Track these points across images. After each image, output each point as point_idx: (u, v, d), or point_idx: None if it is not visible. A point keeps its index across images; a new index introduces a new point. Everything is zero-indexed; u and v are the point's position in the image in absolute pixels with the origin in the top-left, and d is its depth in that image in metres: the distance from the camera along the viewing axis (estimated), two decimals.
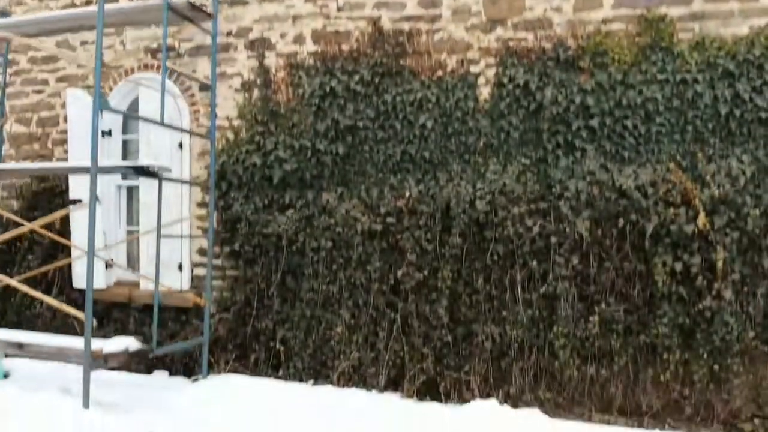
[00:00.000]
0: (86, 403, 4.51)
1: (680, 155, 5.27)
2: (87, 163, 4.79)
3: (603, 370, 5.29)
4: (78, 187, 6.54)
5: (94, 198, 4.56)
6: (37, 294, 5.20)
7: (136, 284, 6.69)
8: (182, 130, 5.81)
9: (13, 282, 5.29)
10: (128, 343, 4.80)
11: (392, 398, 5.30)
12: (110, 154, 6.72)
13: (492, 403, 4.83)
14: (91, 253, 4.56)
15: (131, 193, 6.96)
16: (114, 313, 6.69)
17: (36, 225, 5.49)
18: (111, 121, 6.76)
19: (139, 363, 6.48)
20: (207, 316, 5.92)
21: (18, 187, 7.07)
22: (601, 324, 5.21)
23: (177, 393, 5.32)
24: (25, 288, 5.22)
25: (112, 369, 4.99)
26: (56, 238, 6.34)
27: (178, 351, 6.17)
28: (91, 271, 4.58)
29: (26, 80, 7.17)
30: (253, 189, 6.15)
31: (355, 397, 5.22)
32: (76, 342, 4.75)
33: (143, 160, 5.27)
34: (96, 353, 4.53)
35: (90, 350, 4.40)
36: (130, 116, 5.57)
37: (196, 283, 6.42)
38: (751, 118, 5.13)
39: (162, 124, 5.17)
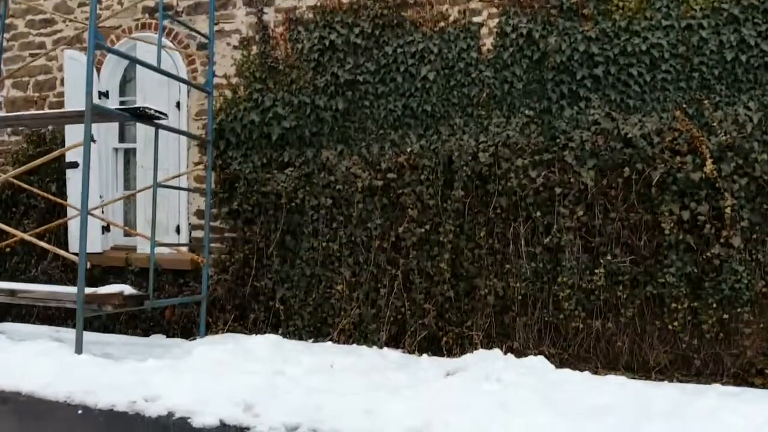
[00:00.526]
0: (79, 349, 4.39)
1: (686, 103, 5.17)
2: (81, 107, 4.69)
3: (609, 323, 5.17)
4: (75, 150, 6.44)
5: (88, 136, 4.46)
6: (40, 243, 5.08)
7: (133, 248, 6.59)
8: (179, 80, 5.71)
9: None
10: (123, 287, 4.69)
11: (393, 353, 5.17)
12: None
13: (495, 351, 4.71)
14: (85, 187, 4.45)
15: (128, 157, 6.88)
16: (110, 278, 6.56)
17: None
18: (108, 82, 6.71)
19: (135, 327, 6.41)
20: (205, 273, 5.81)
21: (14, 153, 6.99)
22: (606, 276, 5.10)
23: (171, 348, 5.20)
24: (32, 239, 5.09)
25: (108, 313, 4.84)
26: (52, 197, 6.26)
27: (176, 312, 6.10)
28: (85, 203, 4.45)
29: (24, 44, 7.10)
30: (252, 147, 6.05)
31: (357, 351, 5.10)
32: (69, 288, 4.64)
33: (139, 103, 5.14)
34: (90, 296, 4.42)
35: (84, 291, 4.28)
36: (126, 57, 5.42)
37: (195, 245, 6.31)
38: (758, 64, 5.04)
39: (158, 70, 5.07)
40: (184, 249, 6.09)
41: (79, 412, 3.60)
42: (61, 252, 4.84)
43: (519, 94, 5.48)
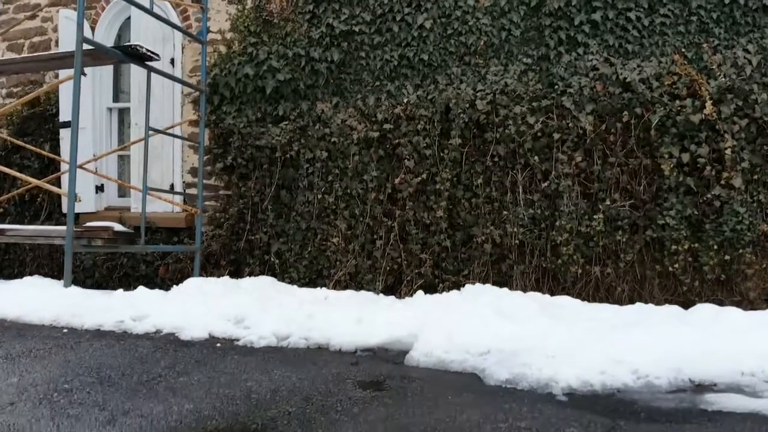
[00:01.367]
0: (68, 283, 4.29)
1: (685, 47, 5.13)
2: (72, 47, 4.63)
3: (608, 269, 5.07)
4: (69, 109, 6.39)
5: (78, 72, 4.39)
6: (45, 185, 4.99)
7: (127, 208, 6.50)
8: (174, 26, 5.65)
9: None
10: (113, 224, 4.60)
11: (388, 298, 5.07)
12: (102, 72, 6.61)
13: (489, 285, 4.62)
14: (75, 124, 4.37)
15: (122, 117, 6.83)
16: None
17: None
18: (103, 40, 6.63)
19: (129, 285, 6.31)
20: (199, 224, 5.74)
21: (8, 115, 6.92)
22: (606, 221, 5.02)
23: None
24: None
25: (98, 250, 4.70)
26: (44, 153, 6.19)
27: (170, 269, 6.02)
28: (75, 140, 4.38)
29: (18, 7, 7.06)
30: (246, 102, 5.98)
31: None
32: (58, 226, 4.55)
33: (134, 42, 5.08)
34: (80, 230, 4.33)
35: (72, 225, 4.19)
36: None
37: (189, 204, 6.23)
38: (756, 6, 5.01)
39: (153, 13, 5.02)
40: (178, 199, 6.02)
41: (65, 330, 3.51)
42: (54, 188, 4.76)
43: (517, 42, 5.43)
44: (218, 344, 3.17)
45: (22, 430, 1.99)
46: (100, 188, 6.61)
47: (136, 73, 6.38)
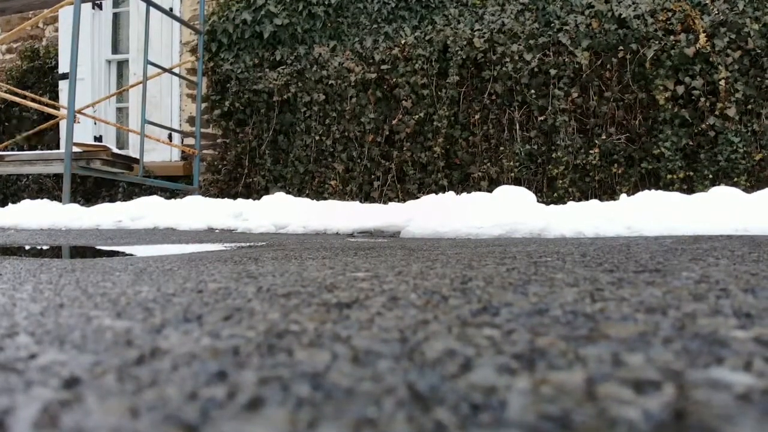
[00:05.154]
0: (66, 201, 4.32)
1: None
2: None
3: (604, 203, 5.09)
4: (68, 62, 6.43)
5: (78, 14, 4.43)
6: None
7: None
8: None
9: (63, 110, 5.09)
10: (111, 146, 4.61)
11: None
12: (101, 26, 6.65)
13: None
14: (74, 67, 4.40)
15: (121, 71, 6.86)
16: (102, 191, 6.52)
17: None
18: None
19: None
20: (197, 164, 5.76)
21: (8, 70, 6.96)
22: (601, 156, 5.06)
23: None
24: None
25: (97, 174, 4.70)
26: (45, 100, 6.21)
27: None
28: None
29: None
30: (244, 48, 6.02)
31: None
32: (57, 150, 4.57)
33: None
34: (78, 152, 4.35)
35: (71, 147, 4.21)
36: None
37: (187, 153, 6.26)
38: None
39: None
40: (176, 142, 6.05)
41: (62, 229, 3.53)
42: (52, 111, 4.78)
43: None
44: (216, 231, 3.20)
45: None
46: (98, 140, 6.62)
47: (134, 24, 6.42)
